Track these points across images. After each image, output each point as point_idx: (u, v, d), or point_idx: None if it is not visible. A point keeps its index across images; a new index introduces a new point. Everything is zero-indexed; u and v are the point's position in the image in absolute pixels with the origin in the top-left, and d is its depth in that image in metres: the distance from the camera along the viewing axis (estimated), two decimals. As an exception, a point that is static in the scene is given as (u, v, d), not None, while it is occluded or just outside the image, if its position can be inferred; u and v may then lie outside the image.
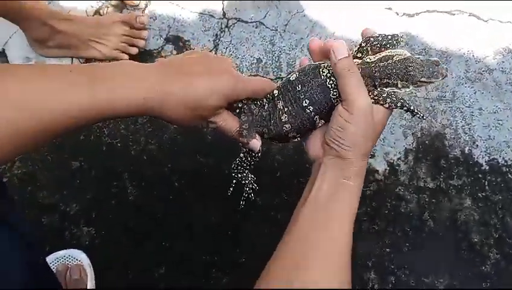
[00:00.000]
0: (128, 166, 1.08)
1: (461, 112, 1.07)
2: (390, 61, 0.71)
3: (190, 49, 1.17)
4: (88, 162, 1.09)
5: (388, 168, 1.05)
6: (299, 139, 0.73)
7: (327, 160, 0.64)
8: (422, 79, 0.69)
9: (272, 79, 1.12)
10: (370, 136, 0.64)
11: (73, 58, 1.17)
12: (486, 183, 1.02)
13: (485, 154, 1.04)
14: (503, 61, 1.11)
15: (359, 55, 0.71)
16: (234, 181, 0.79)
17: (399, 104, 0.69)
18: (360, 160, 0.63)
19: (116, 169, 1.08)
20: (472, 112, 1.07)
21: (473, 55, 1.11)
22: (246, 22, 1.18)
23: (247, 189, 0.80)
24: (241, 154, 0.77)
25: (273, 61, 1.14)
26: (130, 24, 1.13)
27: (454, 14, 1.15)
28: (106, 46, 1.12)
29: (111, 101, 0.57)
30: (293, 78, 0.70)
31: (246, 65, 1.14)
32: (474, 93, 1.08)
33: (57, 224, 1.06)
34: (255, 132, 0.72)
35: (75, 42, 1.12)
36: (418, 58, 0.71)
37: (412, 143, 1.06)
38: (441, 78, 0.70)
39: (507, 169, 1.03)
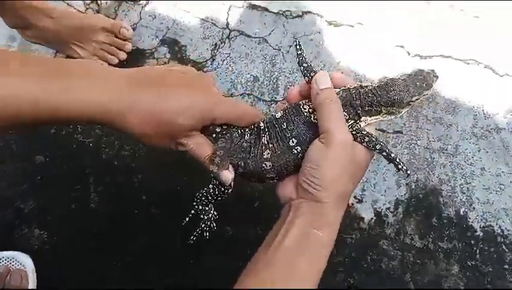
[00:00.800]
0: (97, 170, 1.00)
1: (462, 168, 0.99)
2: (370, 86, 0.64)
3: (185, 55, 1.09)
4: (54, 158, 1.01)
5: (375, 218, 0.96)
6: (275, 181, 0.65)
7: (298, 203, 0.56)
8: (413, 98, 0.63)
9: (265, 100, 1.04)
10: (349, 177, 0.57)
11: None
12: (477, 252, 0.94)
13: (481, 219, 0.96)
14: (514, 122, 1.03)
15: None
16: (192, 212, 0.71)
17: (378, 147, 0.61)
18: (336, 205, 0.55)
19: (83, 171, 1.00)
20: (473, 171, 0.99)
21: (483, 110, 1.04)
22: (249, 36, 1.10)
23: (203, 225, 0.72)
24: (210, 185, 0.68)
25: (271, 82, 1.06)
26: (113, 33, 1.06)
27: (469, 64, 1.07)
28: (85, 50, 1.05)
29: (65, 99, 0.49)
30: (279, 116, 0.64)
31: (241, 81, 1.06)
32: (479, 151, 1.01)
33: (9, 220, 0.97)
34: (230, 162, 0.64)
35: (54, 40, 1.06)
36: (398, 78, 0.64)
37: (405, 194, 0.98)
38: (431, 89, 0.64)
39: (502, 239, 0.94)
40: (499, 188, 0.98)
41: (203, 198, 0.69)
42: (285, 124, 0.62)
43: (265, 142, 0.63)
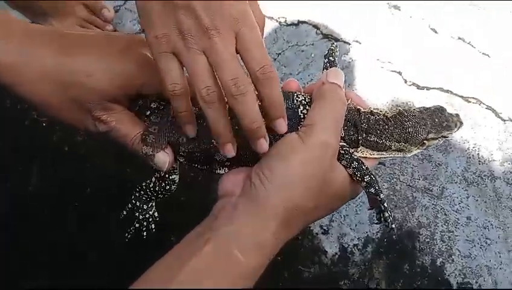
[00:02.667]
0: (44, 153, 0.91)
1: (445, 214, 0.88)
2: (381, 114, 0.54)
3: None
4: (0, 133, 0.92)
5: (339, 253, 0.85)
6: (225, 171, 0.53)
7: (235, 202, 0.45)
8: (429, 135, 0.54)
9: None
10: (314, 196, 0.45)
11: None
12: (450, 310, 0.82)
13: (459, 275, 0.84)
14: (510, 172, 0.92)
15: None
16: (129, 206, 0.61)
17: (366, 179, 0.50)
18: (281, 222, 0.43)
19: (29, 152, 0.90)
20: (458, 219, 0.88)
21: (478, 154, 0.93)
22: (237, 38, 1.02)
23: (138, 225, 0.61)
24: (153, 178, 0.58)
25: (251, 88, 0.97)
26: (94, 12, 1.00)
27: (469, 102, 0.98)
28: (62, 24, 0.98)
29: None
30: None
31: (219, 83, 0.98)
32: (467, 197, 0.90)
33: None
34: (168, 141, 0.52)
35: (30, 10, 0.99)
36: (414, 110, 0.55)
37: (377, 232, 0.87)
38: (455, 129, 0.56)
39: (480, 301, 0.82)
40: (485, 243, 0.86)
41: (142, 192, 0.59)
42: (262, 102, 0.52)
43: None
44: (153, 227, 0.62)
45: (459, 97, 0.98)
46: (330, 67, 0.57)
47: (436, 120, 0.55)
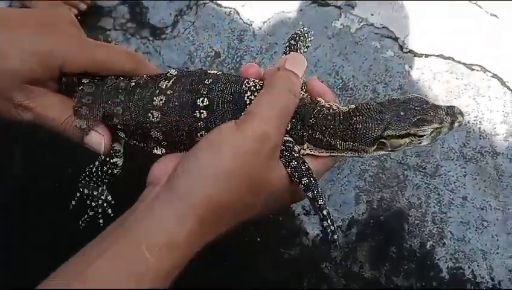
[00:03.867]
0: (23, 135, 0.89)
1: (439, 194, 0.82)
2: (338, 110, 0.48)
3: (145, 18, 0.96)
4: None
5: (321, 235, 0.81)
6: (162, 152, 0.49)
7: (158, 191, 0.41)
8: (386, 133, 0.46)
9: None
10: (247, 192, 0.41)
11: None
12: (438, 296, 0.77)
13: (450, 259, 0.78)
14: (516, 148, 0.84)
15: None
16: (78, 195, 0.59)
17: (304, 182, 0.45)
18: (203, 219, 0.39)
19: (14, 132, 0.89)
20: (452, 200, 0.81)
21: (479, 128, 0.85)
22: (220, 6, 0.96)
23: (91, 213, 0.59)
24: (96, 162, 0.55)
25: (234, 60, 0.92)
26: None
27: (473, 70, 0.89)
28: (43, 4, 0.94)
29: None
30: (211, 71, 0.49)
31: (200, 55, 0.92)
32: (464, 176, 0.83)
33: None
34: (103, 111, 0.48)
35: None
36: (373, 103, 0.47)
37: (363, 213, 0.81)
38: (441, 126, 0.46)
39: (472, 287, 0.77)
40: (481, 225, 0.80)
41: (87, 179, 0.57)
42: (210, 80, 0.47)
43: (163, 87, 0.48)
44: (110, 212, 0.60)
45: (462, 64, 0.89)
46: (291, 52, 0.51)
47: (402, 114, 0.46)
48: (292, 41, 0.52)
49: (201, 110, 0.46)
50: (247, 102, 0.46)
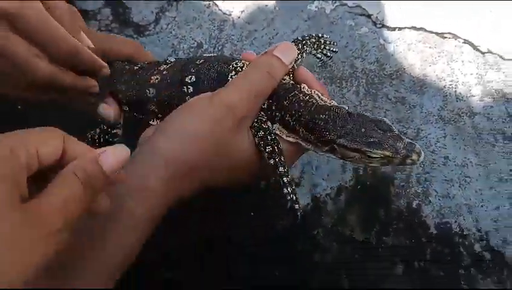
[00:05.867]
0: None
1: (421, 156, 0.85)
2: (313, 100, 0.52)
3: (128, 17, 1.01)
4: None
5: (311, 204, 0.84)
6: (157, 120, 0.56)
7: (140, 147, 0.46)
8: (341, 141, 0.47)
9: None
10: (210, 155, 0.45)
11: None
12: (428, 252, 0.79)
13: (437, 215, 0.81)
14: (491, 106, 0.88)
15: None
16: None
17: (267, 150, 0.49)
18: (171, 174, 0.43)
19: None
20: (434, 160, 0.85)
21: (455, 91, 0.89)
22: (199, 0, 1.01)
23: None
24: (97, 130, 0.62)
25: (216, 49, 0.96)
26: None
27: (445, 37, 0.93)
28: None
29: None
30: (206, 54, 0.58)
31: (183, 47, 0.97)
32: (444, 137, 0.86)
33: None
34: (109, 90, 0.58)
35: None
36: (348, 110, 0.50)
37: (350, 180, 0.85)
38: (392, 157, 0.47)
39: (460, 240, 0.80)
40: (464, 181, 0.83)
41: (89, 144, 0.62)
42: (201, 60, 0.54)
43: (161, 69, 0.56)
44: None
45: (434, 34, 0.94)
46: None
47: (363, 130, 0.47)
48: (302, 41, 0.60)
49: (189, 86, 0.52)
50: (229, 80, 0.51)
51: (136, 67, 0.59)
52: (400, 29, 0.94)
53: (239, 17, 0.99)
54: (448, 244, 0.79)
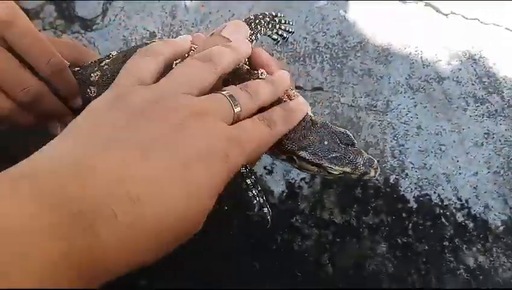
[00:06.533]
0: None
1: (393, 128, 0.82)
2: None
3: (73, 12, 0.94)
4: None
5: (287, 191, 0.80)
6: None
7: None
8: (300, 153, 0.46)
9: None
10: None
11: None
12: (410, 227, 0.77)
13: (415, 188, 0.79)
14: (459, 69, 0.85)
15: None
16: None
17: None
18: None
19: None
20: (407, 131, 0.82)
21: (421, 57, 0.86)
22: (147, -13, 0.94)
23: None
24: None
25: (170, 37, 0.90)
26: None
27: (406, 2, 0.89)
28: None
29: None
30: (149, 41, 0.54)
31: (135, 38, 0.91)
32: (415, 106, 0.83)
33: None
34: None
35: None
36: (327, 125, 0.50)
37: (323, 161, 0.81)
38: (352, 172, 0.47)
39: (441, 211, 0.78)
40: (439, 150, 0.81)
41: None
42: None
43: (102, 64, 0.53)
44: None
45: (394, 0, 0.90)
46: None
47: (326, 143, 0.45)
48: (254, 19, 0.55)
49: None
50: None
51: (76, 69, 0.55)
52: (357, -2, 0.90)
53: (191, 1, 0.93)
54: (430, 216, 0.77)
